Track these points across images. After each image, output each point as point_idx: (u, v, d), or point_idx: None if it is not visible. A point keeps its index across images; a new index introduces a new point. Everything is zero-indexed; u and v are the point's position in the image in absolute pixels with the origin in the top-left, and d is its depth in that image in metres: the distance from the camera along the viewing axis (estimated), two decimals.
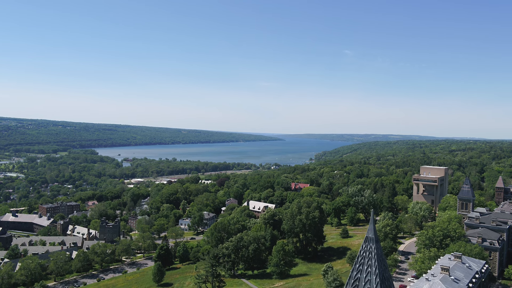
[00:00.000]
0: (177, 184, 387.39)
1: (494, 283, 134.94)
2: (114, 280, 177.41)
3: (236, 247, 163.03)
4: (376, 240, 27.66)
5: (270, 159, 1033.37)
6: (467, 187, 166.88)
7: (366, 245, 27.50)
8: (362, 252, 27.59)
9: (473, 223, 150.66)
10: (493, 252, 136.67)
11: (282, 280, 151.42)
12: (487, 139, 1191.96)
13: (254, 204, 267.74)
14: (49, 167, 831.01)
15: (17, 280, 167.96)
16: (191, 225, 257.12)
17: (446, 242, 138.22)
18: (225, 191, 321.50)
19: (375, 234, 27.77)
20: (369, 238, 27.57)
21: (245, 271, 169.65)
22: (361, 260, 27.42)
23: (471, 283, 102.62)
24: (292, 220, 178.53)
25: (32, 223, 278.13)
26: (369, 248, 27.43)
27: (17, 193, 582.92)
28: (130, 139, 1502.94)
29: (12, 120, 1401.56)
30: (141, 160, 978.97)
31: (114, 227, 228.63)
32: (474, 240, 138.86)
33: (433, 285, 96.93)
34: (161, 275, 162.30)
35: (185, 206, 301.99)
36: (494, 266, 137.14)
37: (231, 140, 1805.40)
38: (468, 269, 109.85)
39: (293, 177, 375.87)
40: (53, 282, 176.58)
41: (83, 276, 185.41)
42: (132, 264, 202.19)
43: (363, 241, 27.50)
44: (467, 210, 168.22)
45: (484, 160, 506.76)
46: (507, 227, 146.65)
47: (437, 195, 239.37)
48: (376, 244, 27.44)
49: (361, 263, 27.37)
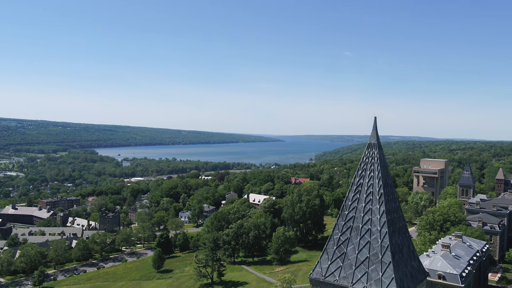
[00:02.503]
0: (177, 179, 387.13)
1: (494, 266, 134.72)
2: (114, 268, 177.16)
3: (237, 234, 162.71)
4: (379, 146, 27.64)
5: (270, 159, 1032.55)
6: (468, 174, 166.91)
7: (369, 151, 27.45)
8: (365, 158, 27.55)
9: (474, 208, 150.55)
10: (493, 236, 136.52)
11: (283, 266, 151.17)
12: (486, 140, 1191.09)
13: (254, 196, 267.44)
14: (49, 166, 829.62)
15: (17, 267, 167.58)
16: (191, 217, 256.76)
17: (446, 226, 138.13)
18: (225, 186, 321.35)
19: (377, 141, 27.73)
20: (371, 144, 27.53)
21: (245, 258, 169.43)
22: (364, 166, 27.40)
23: (472, 260, 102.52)
24: (292, 208, 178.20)
25: (32, 216, 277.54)
26: (372, 154, 27.40)
27: (16, 191, 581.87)
28: (130, 139, 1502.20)
29: (12, 121, 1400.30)
30: (141, 159, 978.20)
31: (114, 218, 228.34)
32: (475, 225, 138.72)
33: (434, 260, 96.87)
34: (161, 261, 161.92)
35: (185, 200, 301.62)
36: (495, 250, 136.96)
37: (231, 141, 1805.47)
38: (469, 247, 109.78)
39: (293, 172, 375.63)
40: (53, 270, 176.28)
41: (83, 264, 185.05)
42: (132, 253, 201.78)
43: (365, 148, 27.50)
44: (468, 196, 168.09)
45: (484, 158, 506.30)
46: (508, 212, 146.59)
47: (437, 187, 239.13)
48: (379, 151, 27.41)
49: (363, 169, 27.35)
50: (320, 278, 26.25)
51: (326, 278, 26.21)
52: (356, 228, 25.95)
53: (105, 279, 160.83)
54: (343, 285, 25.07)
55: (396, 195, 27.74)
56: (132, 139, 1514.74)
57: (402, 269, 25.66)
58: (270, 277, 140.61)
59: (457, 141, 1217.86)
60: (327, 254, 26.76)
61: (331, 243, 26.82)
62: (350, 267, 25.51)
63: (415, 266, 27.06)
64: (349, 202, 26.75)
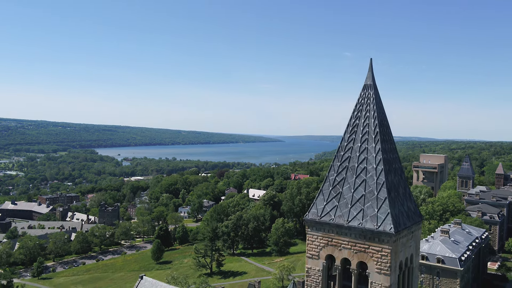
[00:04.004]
0: (176, 175, 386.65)
1: (494, 256, 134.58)
2: (113, 260, 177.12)
3: (236, 226, 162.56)
4: (374, 87, 27.57)
5: (270, 159, 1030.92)
6: (467, 165, 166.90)
7: (364, 92, 27.35)
8: (360, 99, 27.45)
9: (473, 199, 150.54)
10: (493, 225, 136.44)
11: (282, 256, 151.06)
12: (486, 141, 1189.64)
13: (254, 192, 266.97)
14: (49, 166, 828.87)
15: (16, 259, 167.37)
16: (190, 212, 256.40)
17: (446, 216, 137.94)
18: (224, 182, 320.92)
19: (373, 81, 27.67)
20: (367, 86, 27.44)
21: (245, 250, 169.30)
22: (359, 107, 27.31)
23: (471, 246, 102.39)
24: (292, 201, 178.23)
25: (31, 211, 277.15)
26: (368, 94, 27.33)
27: (16, 190, 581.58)
28: (130, 139, 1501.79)
29: (12, 121, 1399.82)
30: (141, 159, 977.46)
31: (113, 211, 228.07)
32: (474, 215, 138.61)
33: (433, 245, 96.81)
34: (160, 253, 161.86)
35: (184, 195, 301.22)
36: (494, 240, 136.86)
37: (231, 141, 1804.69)
38: (468, 234, 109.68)
39: (293, 169, 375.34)
40: (52, 262, 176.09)
41: (82, 257, 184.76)
42: (131, 247, 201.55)
43: (361, 89, 27.42)
44: (467, 187, 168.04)
45: (484, 156, 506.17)
46: (507, 203, 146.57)
47: (437, 182, 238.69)
48: (374, 91, 27.35)
49: (359, 110, 27.27)
50: (316, 219, 26.16)
51: (321, 218, 26.13)
52: (352, 168, 25.89)
53: (104, 270, 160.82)
54: (339, 223, 24.99)
55: (392, 137, 27.69)
56: (132, 139, 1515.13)
57: (398, 207, 25.59)
58: (269, 267, 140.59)
59: (457, 141, 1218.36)
60: (323, 195, 26.64)
61: (326, 184, 26.72)
62: (345, 205, 25.44)
63: (411, 208, 26.98)
64: (345, 143, 26.66)
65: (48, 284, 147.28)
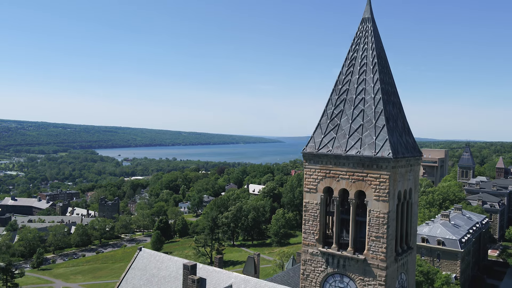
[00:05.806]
0: (177, 172, 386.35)
1: (495, 244, 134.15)
2: (113, 252, 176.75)
3: (236, 217, 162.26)
4: (372, 20, 27.37)
5: (270, 159, 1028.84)
6: (467, 155, 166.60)
7: (362, 26, 27.14)
8: (358, 32, 27.26)
9: (474, 189, 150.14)
10: (493, 214, 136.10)
11: (282, 247, 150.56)
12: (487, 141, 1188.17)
13: (254, 187, 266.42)
14: (49, 166, 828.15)
15: (16, 250, 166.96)
16: (190, 207, 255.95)
17: (446, 204, 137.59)
18: (224, 178, 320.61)
19: (371, 14, 27.44)
20: (365, 19, 27.23)
21: (245, 241, 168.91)
22: (357, 40, 27.12)
23: (472, 230, 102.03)
24: (292, 192, 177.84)
25: (32, 207, 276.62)
26: (366, 28, 27.14)
27: (17, 189, 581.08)
28: (130, 140, 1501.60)
29: (12, 122, 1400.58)
30: (141, 159, 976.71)
31: (113, 205, 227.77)
32: (475, 203, 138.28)
33: (433, 228, 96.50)
34: (160, 244, 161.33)
35: (184, 191, 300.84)
36: (495, 228, 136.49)
37: (231, 142, 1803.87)
38: (469, 219, 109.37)
39: (294, 165, 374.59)
40: (52, 255, 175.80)
41: (82, 250, 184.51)
42: (131, 240, 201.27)
43: (359, 23, 27.21)
44: (467, 178, 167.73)
45: (485, 154, 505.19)
46: (508, 192, 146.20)
47: (437, 177, 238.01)
48: (372, 24, 27.16)
49: (357, 43, 27.09)
50: (313, 151, 25.97)
51: (319, 151, 25.94)
52: (350, 100, 25.73)
53: (104, 262, 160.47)
54: (337, 153, 24.79)
55: (390, 71, 27.51)
56: (132, 140, 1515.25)
57: (396, 136, 25.40)
58: (269, 256, 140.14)
59: (458, 141, 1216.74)
60: (320, 128, 26.46)
61: (324, 118, 26.55)
62: (344, 136, 25.28)
63: (410, 142, 26.80)
64: (343, 76, 26.49)
65: (47, 274, 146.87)
